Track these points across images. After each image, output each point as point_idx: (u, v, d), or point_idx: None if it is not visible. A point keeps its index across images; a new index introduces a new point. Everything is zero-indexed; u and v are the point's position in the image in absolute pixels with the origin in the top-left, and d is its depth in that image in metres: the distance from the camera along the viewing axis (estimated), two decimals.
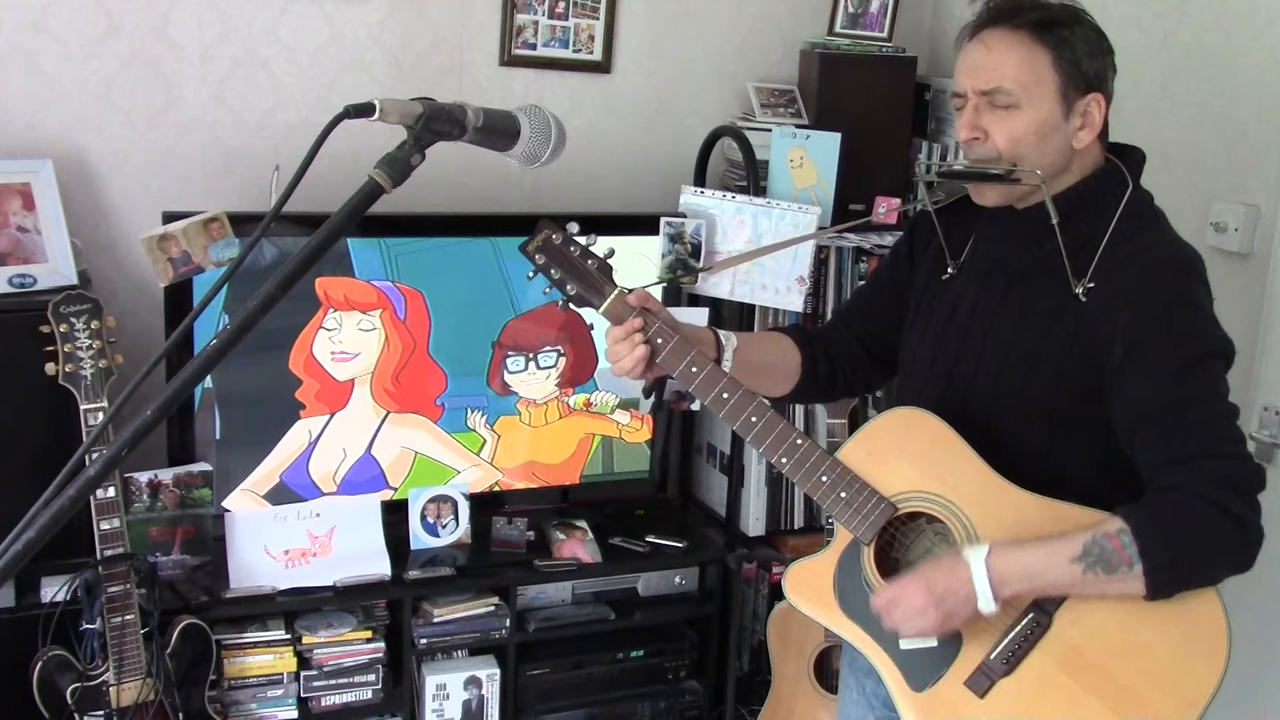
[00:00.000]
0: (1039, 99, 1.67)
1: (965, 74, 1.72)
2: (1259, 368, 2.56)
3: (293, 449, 2.78)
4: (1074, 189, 1.72)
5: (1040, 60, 1.67)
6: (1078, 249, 1.70)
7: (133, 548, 2.41)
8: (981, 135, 1.70)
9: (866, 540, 1.74)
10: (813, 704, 2.98)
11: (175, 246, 2.49)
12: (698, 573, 3.09)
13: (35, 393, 2.37)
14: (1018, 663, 1.65)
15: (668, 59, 3.28)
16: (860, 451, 1.77)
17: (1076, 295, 1.68)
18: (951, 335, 1.82)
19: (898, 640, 1.71)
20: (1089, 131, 1.70)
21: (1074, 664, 1.64)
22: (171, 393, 1.14)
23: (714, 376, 1.76)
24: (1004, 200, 1.74)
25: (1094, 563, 1.57)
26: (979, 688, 1.67)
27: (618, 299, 1.75)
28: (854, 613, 1.77)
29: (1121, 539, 1.56)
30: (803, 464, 1.75)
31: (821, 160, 3.04)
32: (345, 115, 1.22)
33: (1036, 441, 1.72)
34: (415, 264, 2.80)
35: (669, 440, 3.23)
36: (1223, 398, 1.62)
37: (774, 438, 1.75)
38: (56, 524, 1.07)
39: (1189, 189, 2.72)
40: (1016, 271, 1.76)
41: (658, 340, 1.75)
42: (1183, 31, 2.77)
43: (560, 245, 1.76)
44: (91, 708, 2.36)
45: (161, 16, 2.78)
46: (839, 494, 1.74)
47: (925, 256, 1.91)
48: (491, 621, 2.83)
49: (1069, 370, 1.68)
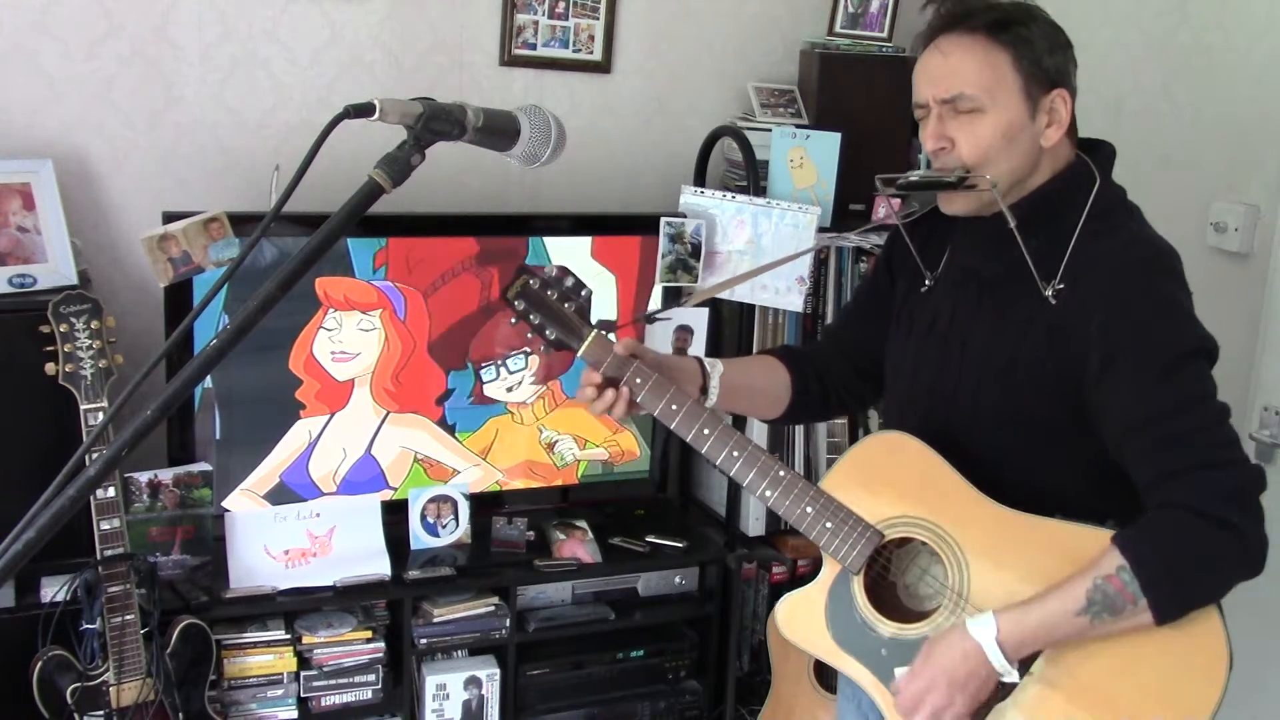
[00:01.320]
0: (1003, 101, 1.64)
1: (925, 83, 1.69)
2: (1259, 368, 2.56)
3: (293, 449, 2.78)
4: (1041, 190, 1.69)
5: (999, 61, 1.64)
6: (1047, 251, 1.66)
7: (133, 548, 2.41)
8: (948, 144, 1.67)
9: (855, 570, 1.73)
10: (813, 704, 2.98)
11: (175, 246, 2.49)
12: (698, 573, 3.08)
13: (35, 393, 2.36)
14: (1014, 686, 1.63)
15: (668, 59, 3.28)
16: (843, 479, 1.77)
17: (1046, 299, 1.65)
18: (932, 347, 1.80)
19: (894, 671, 1.69)
20: (1056, 129, 1.67)
21: (1072, 685, 1.61)
22: (171, 393, 1.14)
23: (693, 413, 1.74)
24: (971, 207, 1.71)
25: (1099, 611, 1.55)
26: (977, 715, 1.65)
27: (595, 341, 1.74)
28: (849, 646, 1.75)
29: (1122, 577, 1.53)
30: (787, 495, 1.74)
31: (821, 160, 3.04)
32: (345, 115, 1.22)
33: (1022, 455, 1.69)
34: (412, 263, 2.80)
35: (669, 440, 3.23)
36: (1210, 398, 1.58)
37: (756, 470, 1.74)
38: (56, 524, 1.07)
39: (1189, 189, 2.72)
40: (988, 280, 1.74)
41: (635, 381, 1.74)
42: (1183, 31, 2.77)
43: (538, 290, 1.75)
44: (91, 708, 2.36)
45: (161, 16, 2.78)
46: (824, 524, 1.73)
47: (904, 269, 1.89)
48: (491, 621, 2.82)
49: (1046, 380, 1.65)
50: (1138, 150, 2.85)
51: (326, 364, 2.76)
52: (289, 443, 2.77)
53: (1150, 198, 1.80)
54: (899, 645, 1.71)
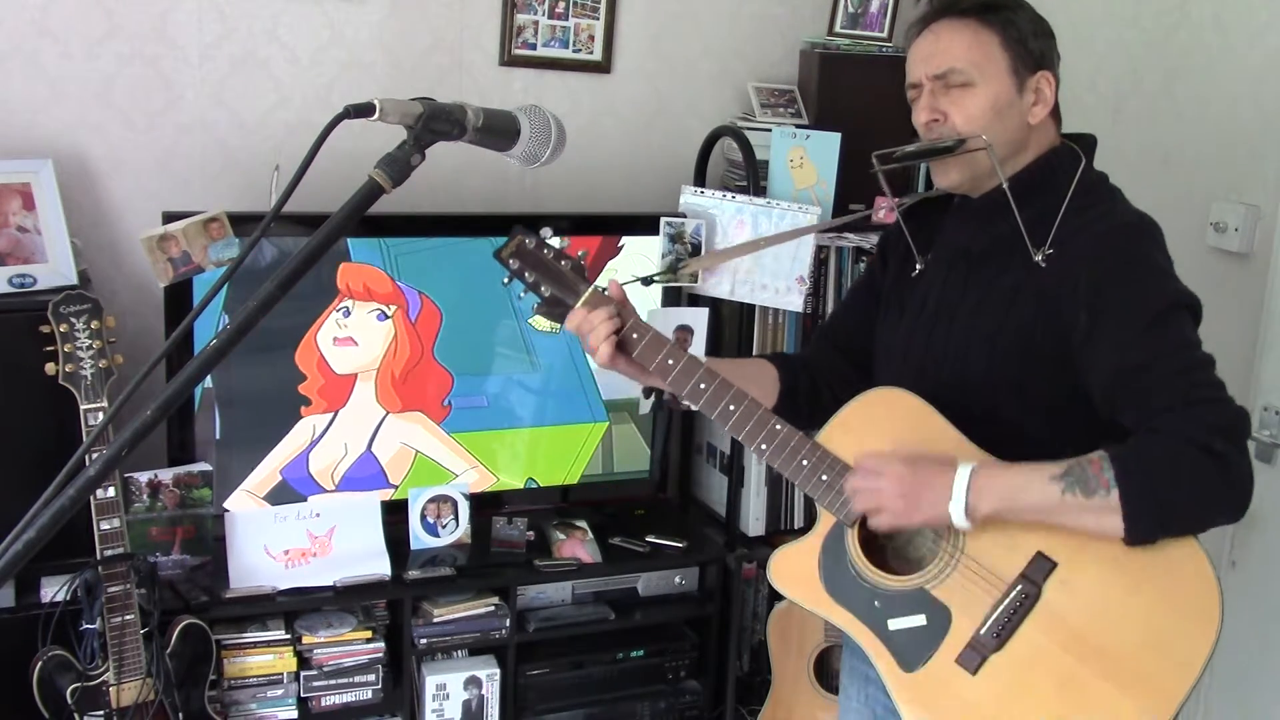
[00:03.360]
0: (992, 75, 1.72)
1: (917, 63, 1.78)
2: (1259, 368, 2.56)
3: (296, 445, 2.78)
4: (1030, 166, 1.77)
5: (988, 40, 1.73)
6: (1036, 222, 1.73)
7: (133, 548, 2.41)
8: (941, 116, 1.74)
9: (849, 522, 1.74)
10: (813, 704, 2.98)
11: (175, 246, 2.49)
12: (698, 573, 3.09)
13: (35, 393, 2.36)
14: (1009, 637, 1.65)
15: (668, 59, 3.28)
16: (839, 433, 1.78)
17: (1036, 264, 1.70)
18: (921, 327, 1.84)
19: (887, 622, 1.71)
20: (1042, 107, 1.75)
21: (1066, 634, 1.63)
22: (171, 393, 1.14)
23: (690, 367, 1.76)
24: (965, 178, 1.77)
25: (1073, 483, 1.57)
26: (970, 664, 1.66)
27: (593, 296, 1.75)
28: (842, 597, 1.76)
29: (1102, 464, 1.56)
30: (782, 449, 1.75)
31: (821, 160, 3.04)
32: (345, 115, 1.22)
33: (1012, 420, 1.72)
34: (415, 264, 2.80)
35: (669, 440, 3.23)
36: (1195, 345, 1.62)
37: (753, 424, 1.75)
38: (56, 524, 1.07)
39: (1189, 189, 2.72)
40: (976, 255, 1.80)
41: (633, 335, 1.75)
42: (1183, 31, 2.77)
43: (534, 249, 1.76)
44: (91, 708, 2.36)
45: (161, 16, 2.78)
46: (820, 477, 1.75)
47: (895, 253, 1.95)
48: (491, 621, 2.82)
49: (1034, 345, 1.69)
50: (1138, 150, 2.86)
51: (327, 350, 2.76)
52: (293, 439, 2.77)
53: (1150, 198, 1.81)
54: (891, 596, 1.72)
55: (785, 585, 1.81)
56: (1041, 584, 1.64)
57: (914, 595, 1.70)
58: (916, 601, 1.70)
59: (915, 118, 1.78)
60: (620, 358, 1.76)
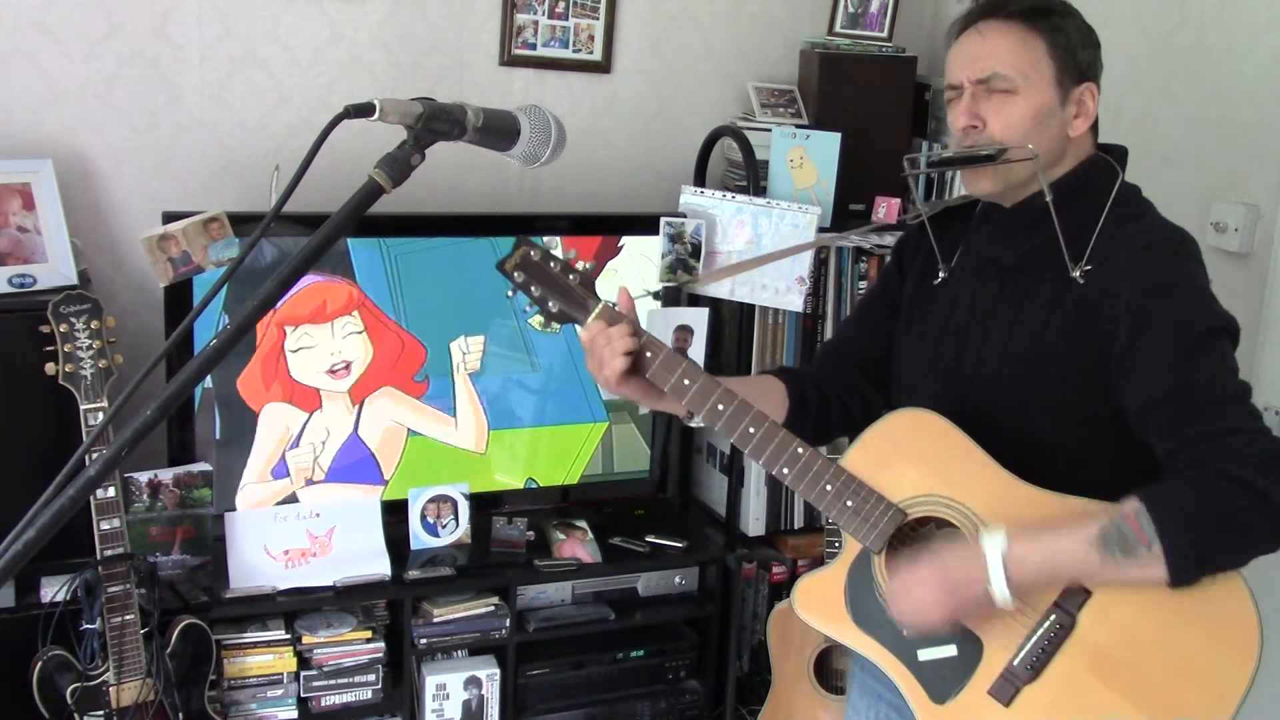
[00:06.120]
0: (1036, 84, 1.67)
1: (960, 65, 1.71)
2: (1259, 368, 2.56)
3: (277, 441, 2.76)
4: (1068, 176, 1.72)
5: (1035, 46, 1.67)
6: (1073, 235, 1.68)
7: (133, 548, 2.41)
8: (979, 123, 1.68)
9: (876, 549, 1.69)
10: (813, 704, 2.98)
11: (175, 246, 2.49)
12: (698, 573, 3.08)
13: (35, 393, 2.36)
14: (1043, 667, 1.59)
15: (668, 59, 3.28)
16: (864, 457, 1.71)
17: (1075, 279, 1.66)
18: (949, 339, 1.78)
19: (916, 653, 1.66)
20: (1084, 120, 1.70)
21: (1101, 665, 1.58)
22: (171, 393, 1.13)
23: (707, 388, 1.68)
24: (998, 187, 1.71)
25: (1112, 546, 1.51)
26: (1004, 696, 1.61)
27: (603, 313, 1.67)
28: (868, 626, 1.71)
29: (1139, 519, 1.51)
30: (805, 473, 1.69)
31: (821, 160, 3.04)
32: (345, 115, 1.22)
33: (1044, 439, 1.68)
34: (415, 264, 2.80)
35: (669, 440, 3.23)
36: (1233, 374, 1.59)
37: (774, 448, 1.69)
38: (56, 524, 1.07)
39: (1189, 189, 2.72)
40: (1009, 266, 1.74)
41: (646, 354, 1.68)
42: (1183, 31, 2.77)
43: (539, 261, 1.68)
44: (91, 708, 2.36)
45: (161, 16, 2.78)
46: (845, 503, 1.68)
47: (914, 263, 1.89)
48: (491, 621, 2.82)
49: (1072, 360, 1.65)
50: (1138, 150, 2.84)
51: (323, 382, 2.75)
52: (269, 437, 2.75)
53: (1150, 197, 1.80)
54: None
55: (811, 615, 1.75)
56: (1076, 614, 1.59)
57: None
58: (947, 631, 1.64)
59: (952, 121, 1.73)
60: (629, 380, 1.68)
